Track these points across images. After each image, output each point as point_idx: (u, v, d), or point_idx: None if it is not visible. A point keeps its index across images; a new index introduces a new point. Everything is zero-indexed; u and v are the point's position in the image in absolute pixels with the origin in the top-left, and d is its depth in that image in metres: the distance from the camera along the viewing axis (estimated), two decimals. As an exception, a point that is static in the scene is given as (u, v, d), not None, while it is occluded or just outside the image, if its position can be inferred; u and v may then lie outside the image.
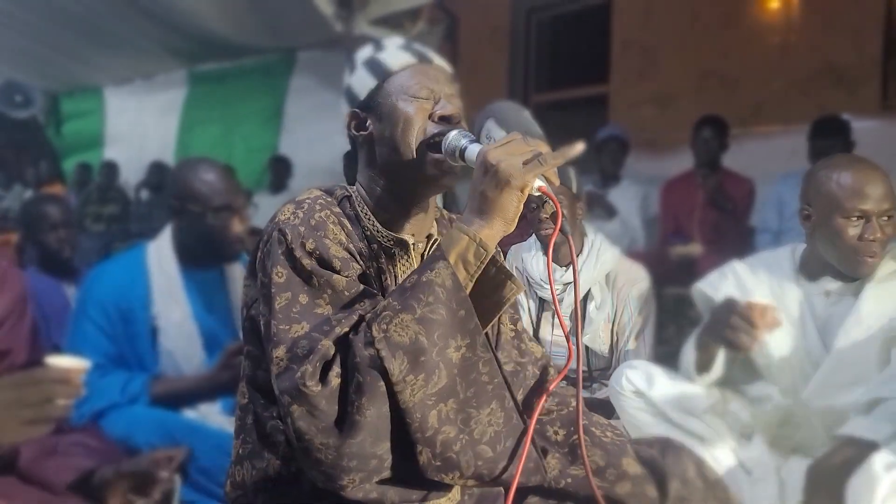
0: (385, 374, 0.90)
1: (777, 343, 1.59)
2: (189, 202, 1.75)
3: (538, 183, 0.95)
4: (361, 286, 1.00)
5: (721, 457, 1.53)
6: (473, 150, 0.99)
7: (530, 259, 1.97)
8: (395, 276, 1.09)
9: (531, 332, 1.83)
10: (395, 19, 3.78)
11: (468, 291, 0.96)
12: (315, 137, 5.03)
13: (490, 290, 0.99)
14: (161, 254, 1.78)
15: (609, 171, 3.78)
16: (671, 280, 2.86)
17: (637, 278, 1.97)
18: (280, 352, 0.95)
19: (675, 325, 3.37)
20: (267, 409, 1.06)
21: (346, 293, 0.98)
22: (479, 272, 0.96)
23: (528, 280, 1.97)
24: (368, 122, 1.10)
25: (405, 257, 1.10)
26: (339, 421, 0.92)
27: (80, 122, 6.86)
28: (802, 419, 1.57)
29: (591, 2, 4.72)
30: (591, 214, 2.02)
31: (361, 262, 1.04)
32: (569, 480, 1.08)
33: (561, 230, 0.96)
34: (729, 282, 1.65)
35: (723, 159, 3.49)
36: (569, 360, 1.02)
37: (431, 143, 1.04)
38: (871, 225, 1.48)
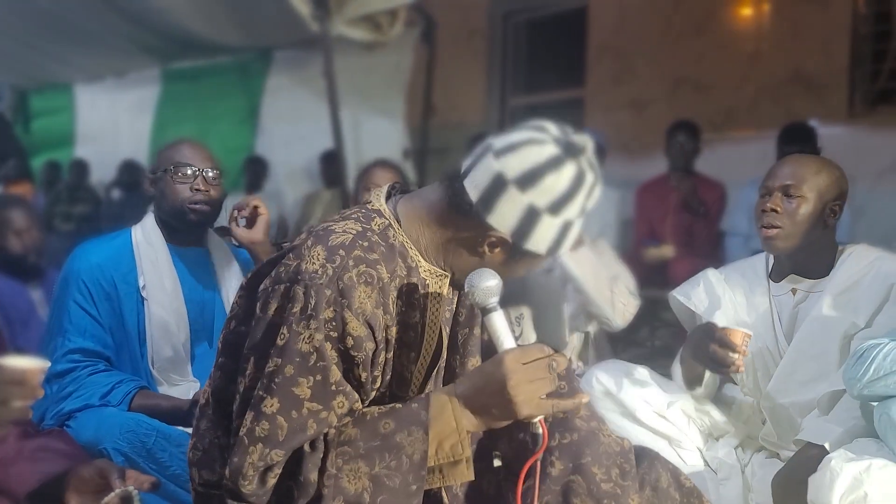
0: None
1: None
2: (158, 166, 1.80)
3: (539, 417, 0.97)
4: (348, 387, 0.96)
5: (689, 457, 1.56)
6: (496, 328, 0.98)
7: None
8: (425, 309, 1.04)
9: None
10: (371, 20, 3.77)
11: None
12: (292, 138, 4.98)
13: (444, 463, 0.97)
14: (146, 230, 1.79)
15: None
16: (645, 282, 2.89)
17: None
18: (246, 419, 0.95)
19: (648, 326, 3.41)
20: (219, 428, 1.04)
21: (333, 388, 0.95)
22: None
23: None
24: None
25: (439, 288, 1.06)
26: None
27: (49, 119, 6.71)
28: (768, 414, 1.60)
29: (567, 7, 4.76)
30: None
31: (380, 334, 0.98)
32: None
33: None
34: (700, 289, 1.67)
35: (695, 164, 3.54)
36: (545, 440, 0.98)
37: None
38: (769, 197, 1.55)
